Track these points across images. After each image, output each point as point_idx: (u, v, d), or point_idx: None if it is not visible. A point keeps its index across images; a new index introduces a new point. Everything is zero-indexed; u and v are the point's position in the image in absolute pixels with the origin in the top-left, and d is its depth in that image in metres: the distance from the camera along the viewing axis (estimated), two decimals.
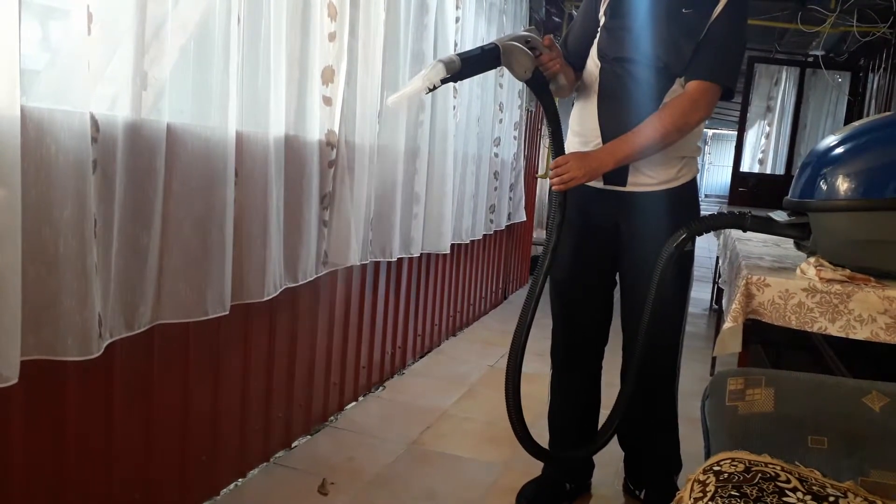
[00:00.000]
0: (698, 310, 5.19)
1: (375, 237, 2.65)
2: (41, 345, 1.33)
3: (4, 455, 1.38)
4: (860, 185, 1.63)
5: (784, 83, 6.12)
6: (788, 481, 1.12)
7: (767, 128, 6.29)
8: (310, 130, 2.13)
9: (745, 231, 1.79)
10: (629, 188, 1.92)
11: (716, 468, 1.17)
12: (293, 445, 2.38)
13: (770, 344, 3.24)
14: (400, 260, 3.03)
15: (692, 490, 1.16)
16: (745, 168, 6.12)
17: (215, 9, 1.67)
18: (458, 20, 3.21)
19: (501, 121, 4.16)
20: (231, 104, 1.73)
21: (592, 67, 1.94)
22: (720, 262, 3.17)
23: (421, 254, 3.12)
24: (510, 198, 4.59)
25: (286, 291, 2.12)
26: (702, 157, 7.46)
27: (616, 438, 2.06)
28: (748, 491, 1.09)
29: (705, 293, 5.48)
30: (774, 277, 1.66)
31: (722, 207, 5.21)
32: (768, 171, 6.16)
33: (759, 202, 4.89)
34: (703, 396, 1.43)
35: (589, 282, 2.04)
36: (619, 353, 2.08)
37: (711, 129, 19.15)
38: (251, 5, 1.80)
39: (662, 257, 1.75)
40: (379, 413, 2.75)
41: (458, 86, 3.24)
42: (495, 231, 4.36)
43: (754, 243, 2.29)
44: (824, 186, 1.67)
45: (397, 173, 2.72)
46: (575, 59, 1.98)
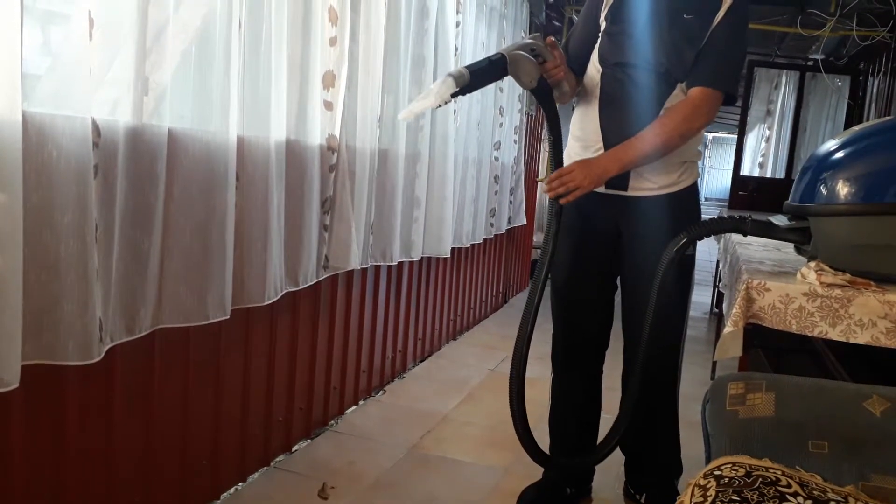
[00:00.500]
0: (699, 313, 5.19)
1: (376, 241, 2.66)
2: (42, 349, 1.33)
3: (5, 459, 1.38)
4: (860, 190, 1.63)
5: (784, 87, 6.12)
6: (789, 486, 1.12)
7: (767, 131, 6.30)
8: (311, 135, 2.13)
9: (746, 235, 1.79)
10: (631, 192, 1.92)
11: (716, 472, 1.17)
12: (293, 449, 2.38)
13: (771, 348, 3.24)
14: (400, 264, 3.03)
15: (693, 494, 1.15)
16: (746, 172, 6.12)
17: (216, 13, 1.67)
18: (459, 24, 3.21)
19: (502, 125, 4.16)
20: (232, 109, 1.73)
21: (594, 72, 1.95)
22: (720, 266, 3.17)
23: (421, 258, 3.13)
24: (510, 201, 4.60)
25: (287, 295, 2.12)
26: (702, 161, 7.47)
27: None
28: (749, 495, 1.09)
29: (706, 297, 5.48)
30: (775, 282, 1.66)
31: (722, 211, 5.20)
32: (768, 175, 6.16)
33: (760, 206, 4.89)
34: (704, 401, 1.43)
35: (589, 285, 2.04)
36: (620, 357, 2.08)
37: (711, 133, 19.17)
38: (252, 10, 1.80)
39: (663, 261, 1.75)
40: (379, 417, 2.75)
41: None
42: (496, 235, 4.36)
43: (755, 247, 2.29)
44: (824, 191, 1.68)
45: (398, 177, 2.72)
46: (576, 65, 1.98)
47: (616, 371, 2.11)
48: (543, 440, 2.13)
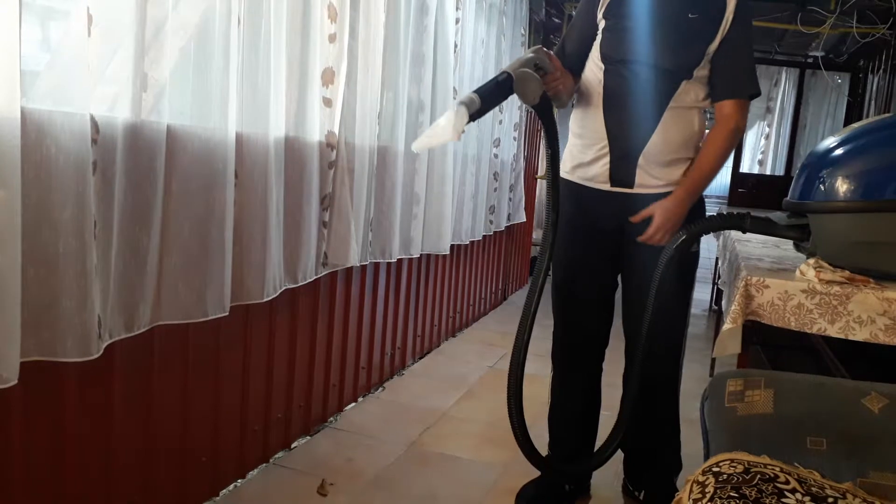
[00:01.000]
0: (698, 310, 5.19)
1: (375, 238, 2.65)
2: (41, 346, 1.33)
3: (4, 456, 1.38)
4: (859, 187, 1.63)
5: (784, 84, 6.13)
6: (787, 482, 1.12)
7: (767, 129, 6.31)
8: (310, 132, 2.13)
9: (745, 232, 1.79)
10: (636, 190, 1.92)
11: (715, 469, 1.18)
12: (293, 446, 2.38)
13: (769, 345, 3.24)
14: (399, 261, 3.03)
15: (691, 491, 1.16)
16: (745, 169, 6.13)
17: (215, 10, 1.67)
18: (458, 21, 3.21)
19: (501, 122, 4.16)
20: (231, 105, 1.73)
21: (595, 70, 1.94)
22: (720, 264, 3.18)
23: (420, 254, 3.12)
24: (510, 198, 4.59)
25: (286, 292, 2.12)
26: None
27: None
28: (747, 492, 1.09)
29: (705, 294, 5.48)
30: (774, 279, 1.66)
31: (722, 208, 5.21)
32: (768, 172, 6.17)
33: (759, 203, 4.89)
34: (703, 397, 1.44)
35: (590, 283, 2.04)
36: (621, 354, 2.08)
37: None
38: (251, 6, 1.80)
39: (663, 259, 1.75)
40: (378, 414, 2.75)
41: (458, 86, 3.24)
42: (495, 232, 4.36)
43: (754, 244, 2.29)
44: (823, 188, 1.68)
45: (397, 174, 2.72)
46: (573, 64, 1.98)
47: (617, 367, 2.12)
48: (542, 437, 2.13)
